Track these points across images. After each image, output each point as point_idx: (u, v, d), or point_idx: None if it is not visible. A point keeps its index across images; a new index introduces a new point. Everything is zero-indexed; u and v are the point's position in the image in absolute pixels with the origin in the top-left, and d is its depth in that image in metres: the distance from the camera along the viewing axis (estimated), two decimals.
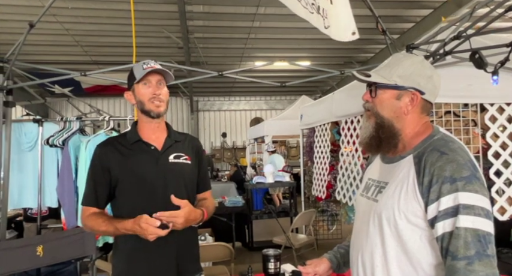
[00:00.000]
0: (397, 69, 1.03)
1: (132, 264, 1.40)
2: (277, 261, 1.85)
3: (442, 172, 0.90)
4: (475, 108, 2.64)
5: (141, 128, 1.47)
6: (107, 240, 2.89)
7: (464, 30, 2.24)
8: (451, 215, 0.88)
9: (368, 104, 1.08)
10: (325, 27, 2.07)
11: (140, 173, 1.40)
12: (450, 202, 0.88)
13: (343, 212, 3.79)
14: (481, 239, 0.85)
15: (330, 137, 3.86)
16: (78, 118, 3.05)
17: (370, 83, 1.07)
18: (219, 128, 12.75)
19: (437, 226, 0.90)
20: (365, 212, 1.08)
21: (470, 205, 0.87)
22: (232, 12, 6.23)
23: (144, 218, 1.24)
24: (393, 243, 0.97)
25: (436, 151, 0.95)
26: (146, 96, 1.41)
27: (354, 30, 2.10)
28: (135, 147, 1.44)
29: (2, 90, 2.53)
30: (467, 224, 0.86)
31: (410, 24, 6.75)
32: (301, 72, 9.22)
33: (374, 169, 1.16)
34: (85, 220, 1.40)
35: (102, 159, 1.42)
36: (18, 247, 2.20)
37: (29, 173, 3.03)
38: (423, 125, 1.05)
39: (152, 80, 1.42)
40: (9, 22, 6.19)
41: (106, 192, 1.42)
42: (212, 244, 2.94)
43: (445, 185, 0.89)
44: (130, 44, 6.91)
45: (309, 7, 2.01)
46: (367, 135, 1.07)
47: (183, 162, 1.48)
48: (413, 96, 1.02)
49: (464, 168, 0.90)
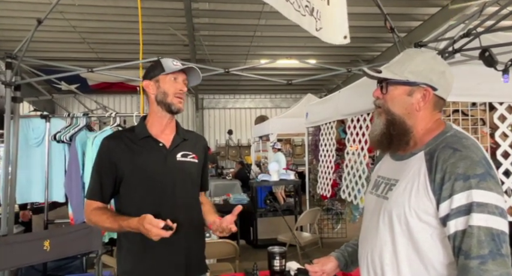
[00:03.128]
0: (409, 65, 1.01)
1: (139, 264, 1.37)
2: (282, 259, 1.85)
3: (455, 169, 0.88)
4: (484, 107, 2.61)
5: (152, 123, 1.46)
6: (112, 236, 2.91)
7: (474, 27, 2.21)
8: (464, 213, 0.86)
9: (379, 101, 1.06)
10: (316, 30, 2.06)
11: (148, 170, 1.39)
12: (463, 200, 0.86)
13: (348, 211, 3.77)
14: (495, 238, 0.83)
15: (335, 136, 3.84)
16: (84, 114, 3.07)
17: (381, 79, 1.05)
18: (224, 126, 12.76)
19: (449, 224, 0.88)
20: (375, 209, 1.06)
21: (484, 203, 0.85)
22: (238, 10, 6.22)
23: (148, 219, 1.19)
24: (404, 241, 0.95)
25: (449, 148, 0.92)
26: (172, 90, 1.41)
27: (345, 34, 2.09)
28: (143, 143, 1.42)
29: (10, 85, 2.55)
30: (480, 222, 0.84)
31: (418, 23, 6.69)
32: (307, 70, 9.18)
33: (383, 166, 1.15)
34: (89, 214, 1.37)
35: (109, 153, 1.39)
36: (26, 241, 2.22)
37: (36, 168, 3.06)
38: (435, 122, 1.03)
39: (180, 77, 1.44)
40: (17, 19, 6.23)
41: (111, 186, 1.39)
42: (217, 241, 2.95)
43: (458, 182, 0.87)
44: (136, 42, 6.94)
45: (302, 9, 1.98)
46: (377, 132, 1.05)
47: (190, 160, 1.47)
48: (425, 92, 1.00)
49: (478, 165, 0.88)
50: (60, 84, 6.94)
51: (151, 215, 1.21)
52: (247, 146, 11.97)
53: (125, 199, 1.41)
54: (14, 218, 2.63)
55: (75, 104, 9.90)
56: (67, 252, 2.41)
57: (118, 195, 1.43)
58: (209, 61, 8.32)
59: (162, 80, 1.42)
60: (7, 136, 2.52)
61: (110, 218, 1.32)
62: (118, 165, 1.38)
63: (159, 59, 1.49)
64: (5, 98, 2.53)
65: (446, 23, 5.54)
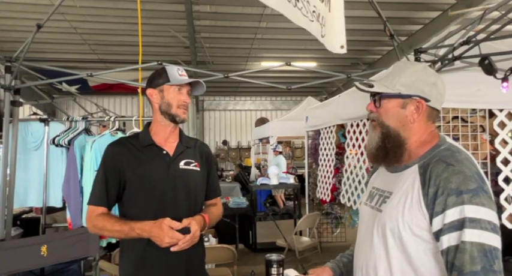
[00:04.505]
0: (400, 78, 1.03)
1: (140, 270, 1.38)
2: (280, 267, 1.82)
3: (448, 184, 0.89)
4: (484, 113, 2.60)
5: (156, 130, 1.46)
6: (110, 240, 2.90)
7: (474, 35, 2.20)
8: (456, 229, 0.86)
9: (373, 115, 1.07)
10: (321, 36, 2.06)
11: (151, 177, 1.39)
12: (456, 215, 0.86)
13: (348, 216, 3.76)
14: (488, 254, 0.83)
15: (335, 140, 3.83)
16: (84, 118, 3.06)
17: (374, 93, 1.06)
18: (224, 128, 12.76)
19: (442, 239, 0.88)
20: (369, 221, 1.06)
21: (476, 219, 0.85)
22: (239, 13, 6.23)
23: (168, 219, 1.25)
24: (398, 255, 0.95)
25: (442, 162, 0.93)
26: (176, 101, 1.42)
27: (342, 43, 2.09)
28: (147, 151, 1.43)
29: (9, 89, 2.55)
30: (473, 238, 0.84)
31: (418, 26, 6.69)
32: (308, 73, 9.17)
33: (378, 178, 1.15)
34: (94, 220, 1.35)
35: (115, 160, 1.40)
36: (23, 246, 2.21)
37: (34, 172, 3.04)
38: (430, 134, 1.03)
39: (184, 88, 1.44)
40: (17, 20, 6.24)
41: (116, 192, 1.39)
42: (215, 246, 2.94)
43: (450, 197, 0.87)
44: (136, 43, 6.93)
45: (309, 15, 1.98)
46: (373, 145, 1.06)
47: (192, 169, 1.47)
48: (419, 104, 1.01)
49: (471, 180, 0.88)
50: (60, 86, 6.95)
51: (169, 218, 1.26)
52: (247, 148, 11.97)
53: (127, 206, 1.42)
54: (12, 221, 2.62)
55: (75, 106, 9.89)
56: (64, 257, 2.40)
57: (120, 202, 1.43)
58: (210, 63, 8.32)
59: (167, 90, 1.42)
60: (5, 139, 2.51)
61: (119, 221, 1.33)
62: (122, 171, 1.39)
63: (164, 66, 1.48)
64: (4, 101, 2.53)
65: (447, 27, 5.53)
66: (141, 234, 1.27)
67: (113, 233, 1.34)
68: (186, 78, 1.44)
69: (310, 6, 1.96)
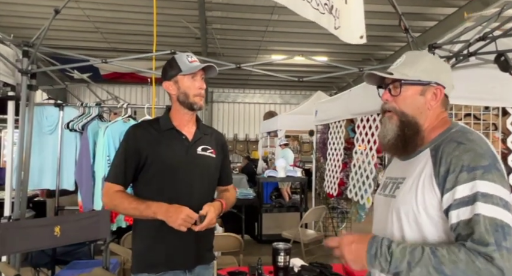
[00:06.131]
0: (419, 65, 1.03)
1: (152, 248, 1.42)
2: (287, 255, 1.87)
3: (459, 161, 0.88)
4: (497, 111, 2.58)
5: (175, 117, 1.50)
6: (120, 225, 2.97)
7: (491, 31, 2.18)
8: (467, 204, 0.85)
9: (388, 105, 1.06)
10: (335, 28, 2.05)
11: (170, 159, 1.43)
12: (467, 190, 0.86)
13: (354, 210, 3.77)
14: (499, 229, 0.82)
15: (344, 134, 3.83)
16: (97, 104, 3.12)
17: (391, 81, 1.05)
18: (233, 120, 12.79)
19: (451, 214, 0.87)
20: (383, 210, 1.06)
21: (488, 194, 0.85)
22: (251, 4, 6.20)
23: (187, 210, 1.29)
24: (415, 238, 0.95)
25: (454, 141, 0.93)
26: (193, 90, 1.45)
27: (362, 33, 2.08)
28: (167, 134, 1.47)
29: (26, 74, 2.60)
30: (485, 211, 0.83)
31: (433, 23, 6.59)
32: (318, 67, 9.13)
33: (392, 168, 1.16)
34: (111, 196, 1.39)
35: (136, 140, 1.44)
36: (38, 226, 2.28)
37: (48, 155, 3.12)
38: (442, 120, 1.04)
39: (198, 74, 1.46)
40: (32, 7, 6.31)
41: (133, 172, 1.44)
42: (222, 234, 2.99)
43: (462, 174, 0.87)
44: (148, 33, 7.00)
45: (321, 7, 1.97)
46: (391, 136, 1.04)
47: (209, 155, 1.51)
48: (436, 90, 1.02)
49: (483, 157, 0.88)
50: (73, 73, 7.02)
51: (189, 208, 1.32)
52: (255, 141, 12.00)
53: (143, 186, 1.46)
54: (26, 202, 2.70)
55: (87, 94, 10.00)
56: (76, 239, 2.47)
57: (136, 183, 1.47)
58: (220, 55, 8.32)
59: (181, 81, 1.45)
60: (22, 123, 2.58)
61: (136, 200, 1.37)
62: (142, 153, 1.42)
63: (173, 56, 1.49)
64: (21, 85, 2.58)
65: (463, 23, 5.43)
66: (156, 213, 1.32)
67: (128, 210, 1.38)
68: (197, 63, 1.46)
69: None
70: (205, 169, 1.49)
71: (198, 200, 1.40)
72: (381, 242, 0.92)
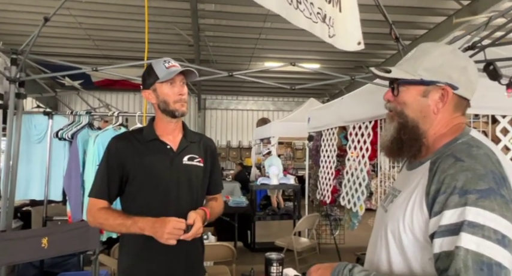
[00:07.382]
0: (423, 62, 0.88)
1: (139, 264, 1.38)
2: (279, 266, 1.84)
3: (453, 181, 0.76)
4: (486, 119, 2.60)
5: (159, 126, 1.45)
6: (110, 235, 2.91)
7: (480, 40, 2.21)
8: (452, 232, 0.73)
9: (390, 104, 0.95)
10: (329, 36, 2.06)
11: (154, 172, 1.39)
12: (455, 217, 0.73)
13: (347, 218, 3.77)
14: (484, 268, 0.68)
15: (336, 142, 3.84)
16: (87, 112, 3.08)
17: (392, 80, 0.93)
18: (226, 127, 12.78)
19: (434, 242, 0.75)
20: (378, 223, 0.98)
21: (478, 224, 0.71)
22: (244, 12, 6.24)
23: (172, 222, 1.24)
24: (399, 260, 0.85)
25: (452, 157, 0.80)
26: (172, 97, 1.38)
27: (359, 40, 2.10)
28: (150, 145, 1.42)
29: (14, 82, 2.56)
30: (469, 245, 0.70)
31: (423, 31, 6.70)
32: (311, 74, 9.19)
33: (398, 177, 1.07)
34: (95, 213, 1.34)
35: (118, 153, 1.39)
36: (24, 238, 2.22)
37: (36, 164, 3.06)
38: (453, 127, 0.89)
39: (177, 79, 1.39)
40: (22, 13, 6.25)
41: (118, 187, 1.39)
42: (214, 244, 2.95)
43: (452, 197, 0.74)
44: (140, 40, 6.98)
45: (313, 16, 1.97)
46: (388, 138, 0.94)
47: (195, 164, 1.46)
48: (443, 91, 0.87)
49: (482, 179, 0.74)
50: (63, 80, 6.96)
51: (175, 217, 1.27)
52: (248, 147, 11.98)
53: (130, 200, 1.42)
54: (13, 213, 2.63)
55: (78, 101, 9.90)
56: (65, 250, 2.41)
57: (122, 196, 1.43)
58: (213, 62, 8.33)
59: (159, 88, 1.39)
60: (9, 132, 2.52)
61: (121, 215, 1.33)
62: (125, 165, 1.38)
63: (150, 63, 1.43)
64: (9, 93, 2.54)
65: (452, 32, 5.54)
66: (143, 229, 1.27)
67: (114, 227, 1.34)
68: (175, 68, 1.38)
69: (314, 8, 1.97)
70: (193, 179, 1.45)
71: (185, 211, 1.35)
72: (344, 266, 0.87)
